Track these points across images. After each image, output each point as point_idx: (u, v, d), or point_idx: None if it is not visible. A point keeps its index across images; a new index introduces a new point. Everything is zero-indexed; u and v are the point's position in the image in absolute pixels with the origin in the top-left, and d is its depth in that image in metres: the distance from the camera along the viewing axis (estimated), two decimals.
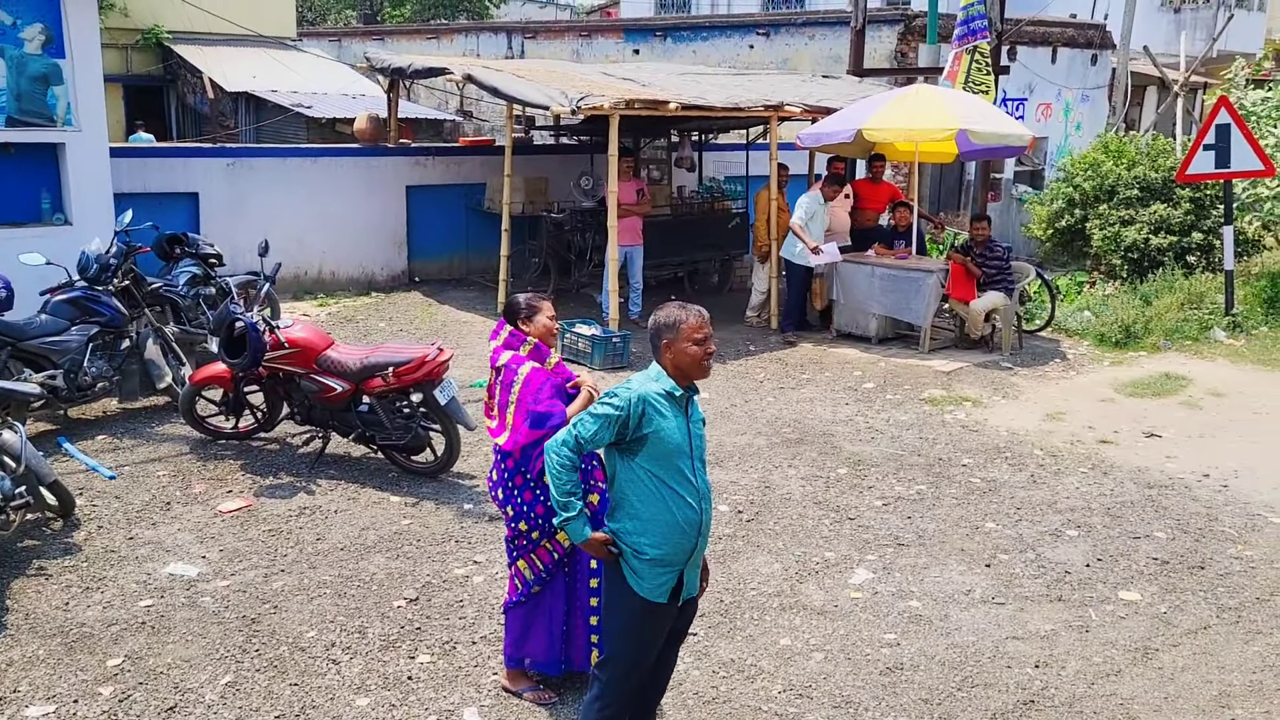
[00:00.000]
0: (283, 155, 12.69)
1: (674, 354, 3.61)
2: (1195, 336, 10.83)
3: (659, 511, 3.59)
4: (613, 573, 3.72)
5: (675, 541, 3.61)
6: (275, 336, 6.85)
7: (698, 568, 3.78)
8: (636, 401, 3.54)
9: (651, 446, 3.56)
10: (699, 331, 3.61)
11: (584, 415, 3.61)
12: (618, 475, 3.66)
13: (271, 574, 5.55)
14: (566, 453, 3.59)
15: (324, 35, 25.99)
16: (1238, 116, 10.84)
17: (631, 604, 3.66)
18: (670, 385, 3.61)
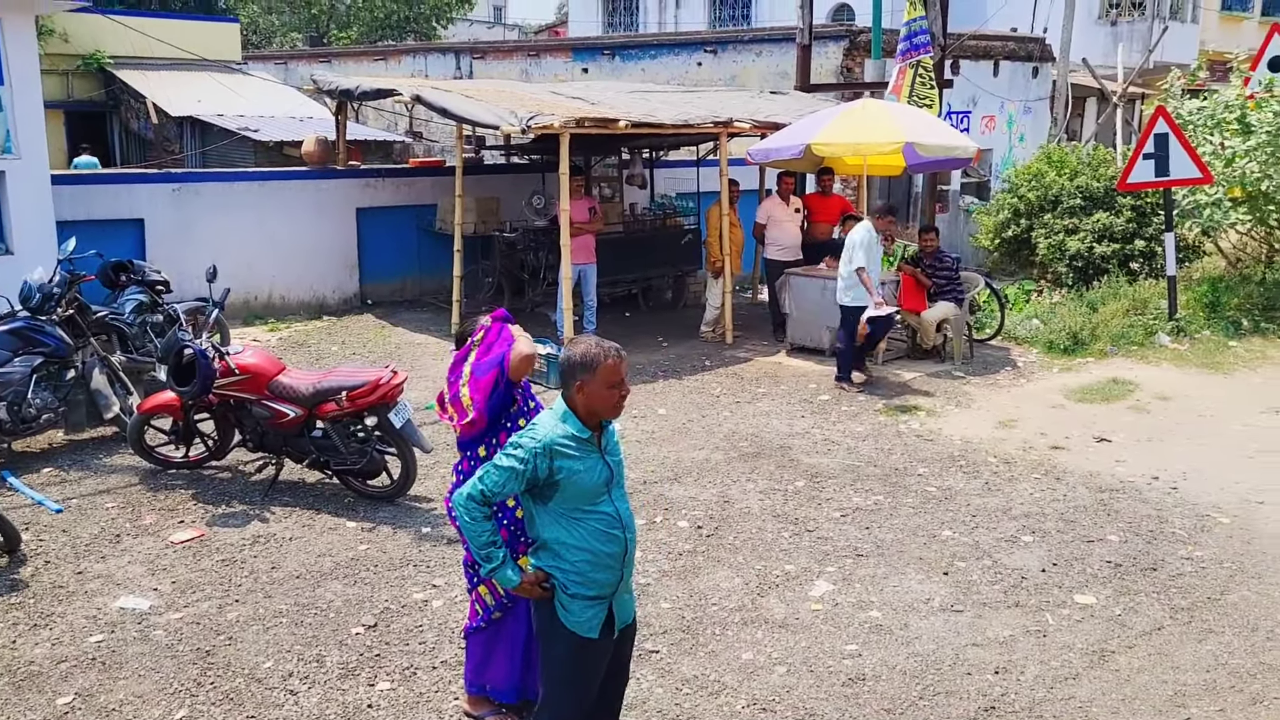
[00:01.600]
0: (230, 179, 12.55)
1: (587, 396, 3.46)
2: (1140, 342, 11.03)
3: (582, 549, 3.50)
4: (543, 612, 3.61)
5: (601, 576, 3.54)
6: (225, 363, 6.75)
7: (629, 594, 3.73)
8: (542, 452, 3.42)
9: (565, 490, 3.47)
10: (616, 374, 3.45)
11: (489, 467, 3.50)
12: (535, 518, 3.58)
13: (226, 605, 5.46)
14: (475, 507, 3.50)
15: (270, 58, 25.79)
16: (1175, 126, 11.09)
17: (566, 643, 3.57)
18: (577, 427, 3.48)
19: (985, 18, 20.26)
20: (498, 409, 4.15)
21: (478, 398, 4.13)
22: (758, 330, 12.04)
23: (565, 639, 3.57)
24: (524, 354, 4.17)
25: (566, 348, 3.58)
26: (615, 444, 3.65)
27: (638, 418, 8.62)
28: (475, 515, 3.52)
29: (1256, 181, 11.44)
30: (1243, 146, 11.66)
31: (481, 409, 4.13)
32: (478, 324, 4.35)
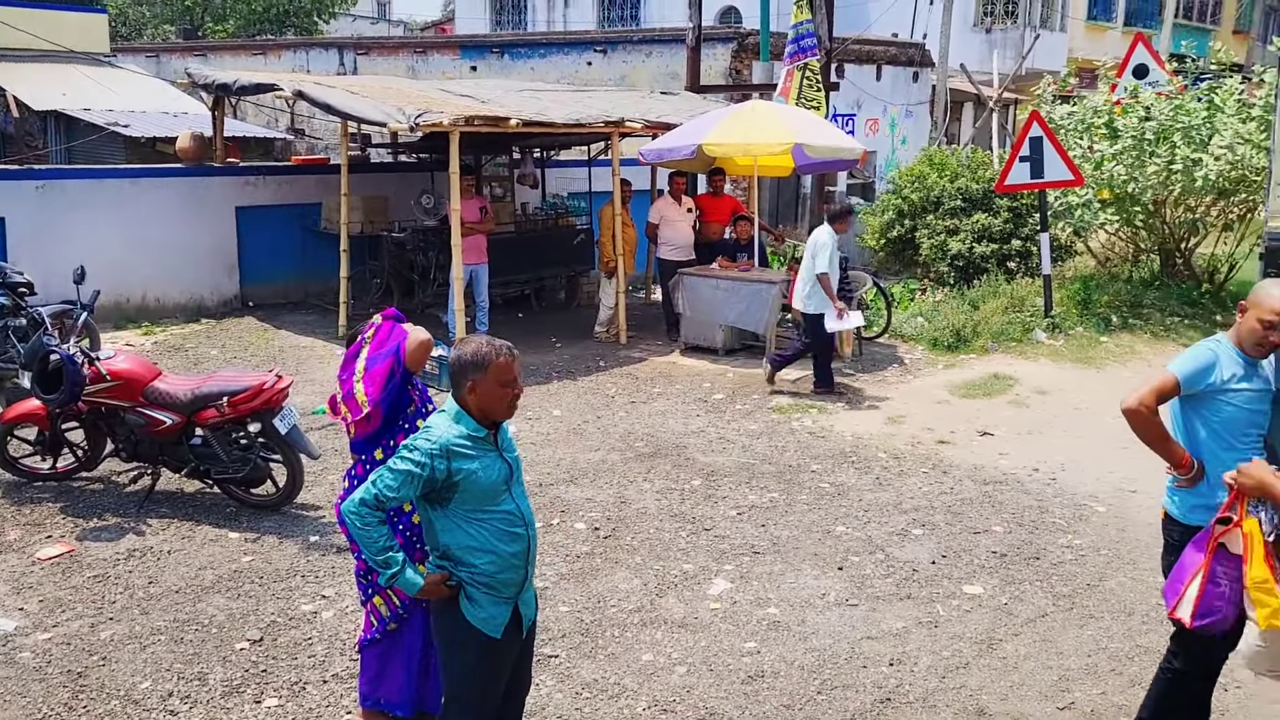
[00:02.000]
0: (99, 176, 11.98)
1: (479, 396, 3.38)
2: (1019, 338, 11.42)
3: (486, 551, 3.42)
4: (446, 616, 3.51)
5: (507, 576, 3.47)
6: (95, 369, 6.41)
7: (532, 592, 3.67)
8: (440, 453, 3.33)
9: (465, 492, 3.38)
10: (508, 372, 3.38)
11: (383, 471, 3.38)
12: (434, 525, 3.47)
13: (99, 623, 5.17)
14: (368, 513, 3.38)
15: (141, 51, 24.74)
16: (1049, 130, 11.50)
17: (473, 645, 3.48)
18: (472, 426, 3.40)
19: (868, 23, 20.76)
20: (393, 404, 4.02)
21: (372, 390, 3.99)
22: (652, 330, 12.06)
23: (472, 641, 3.47)
24: (421, 340, 4.08)
25: (457, 347, 3.48)
26: (510, 440, 3.58)
27: (532, 419, 8.52)
28: (368, 521, 3.39)
29: (1123, 184, 11.96)
30: (1110, 150, 12.17)
31: (376, 400, 3.98)
32: (369, 323, 4.22)
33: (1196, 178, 11.38)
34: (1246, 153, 11.28)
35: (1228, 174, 11.37)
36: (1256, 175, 11.32)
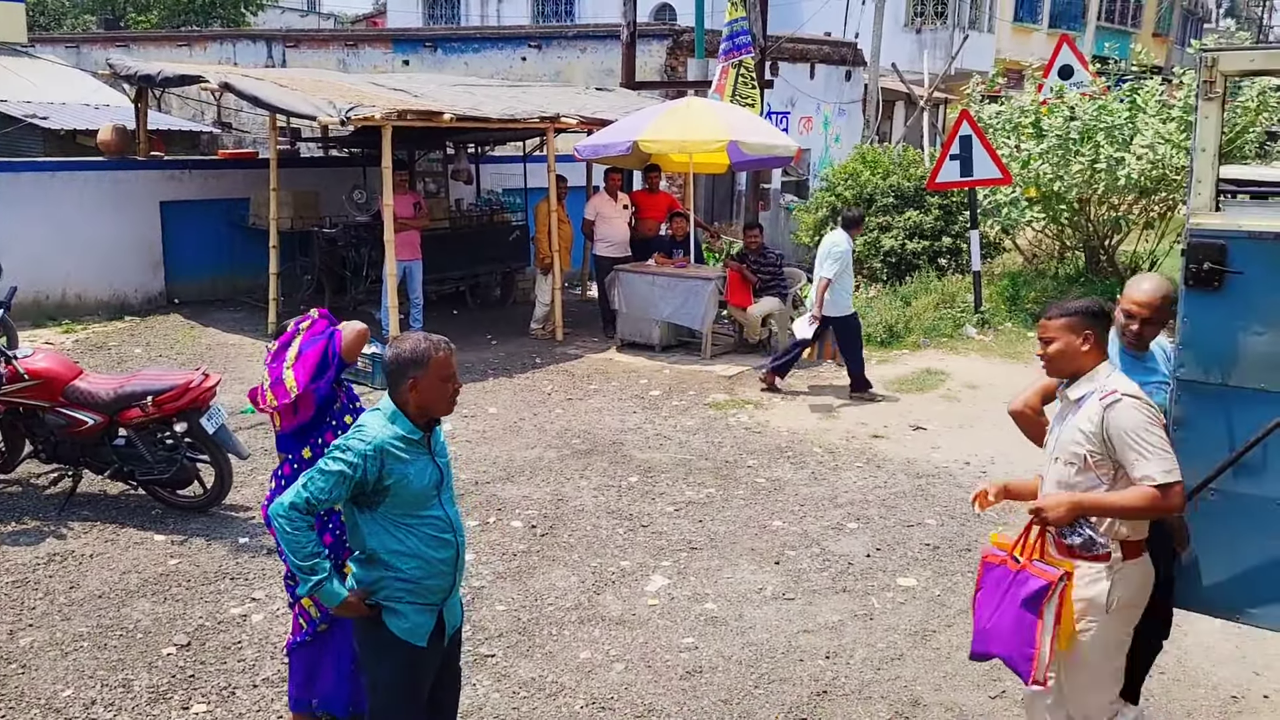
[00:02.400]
0: (15, 169, 11.59)
1: (420, 392, 3.31)
2: (950, 334, 11.61)
3: (413, 556, 3.36)
4: (369, 626, 3.42)
5: (434, 583, 3.41)
6: (13, 367, 6.20)
7: (458, 599, 3.63)
8: (374, 454, 3.25)
9: (395, 496, 3.31)
10: (448, 367, 3.32)
11: (313, 473, 3.29)
12: (360, 528, 3.38)
13: (18, 630, 5.00)
14: (298, 516, 3.28)
15: (60, 41, 24.03)
16: (978, 129, 11.70)
17: (395, 655, 3.41)
18: (408, 428, 3.33)
19: (801, 22, 20.93)
20: (324, 396, 3.93)
21: (302, 375, 3.89)
22: (588, 327, 12.03)
23: (394, 651, 3.40)
24: (359, 329, 4.03)
25: (394, 345, 3.41)
26: (443, 445, 3.52)
27: (468, 417, 8.44)
28: (298, 525, 3.29)
29: (1049, 182, 12.21)
30: (1037, 149, 12.41)
31: (305, 384, 3.88)
32: (304, 315, 4.14)
33: (1119, 176, 11.66)
34: (1167, 152, 11.59)
35: (1149, 173, 11.67)
36: (1177, 174, 11.65)
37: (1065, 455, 3.45)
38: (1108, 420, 3.31)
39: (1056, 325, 3.47)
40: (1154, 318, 3.80)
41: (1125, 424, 3.28)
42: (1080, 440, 3.38)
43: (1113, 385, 3.37)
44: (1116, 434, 3.29)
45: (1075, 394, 3.46)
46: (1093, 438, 3.35)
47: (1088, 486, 3.38)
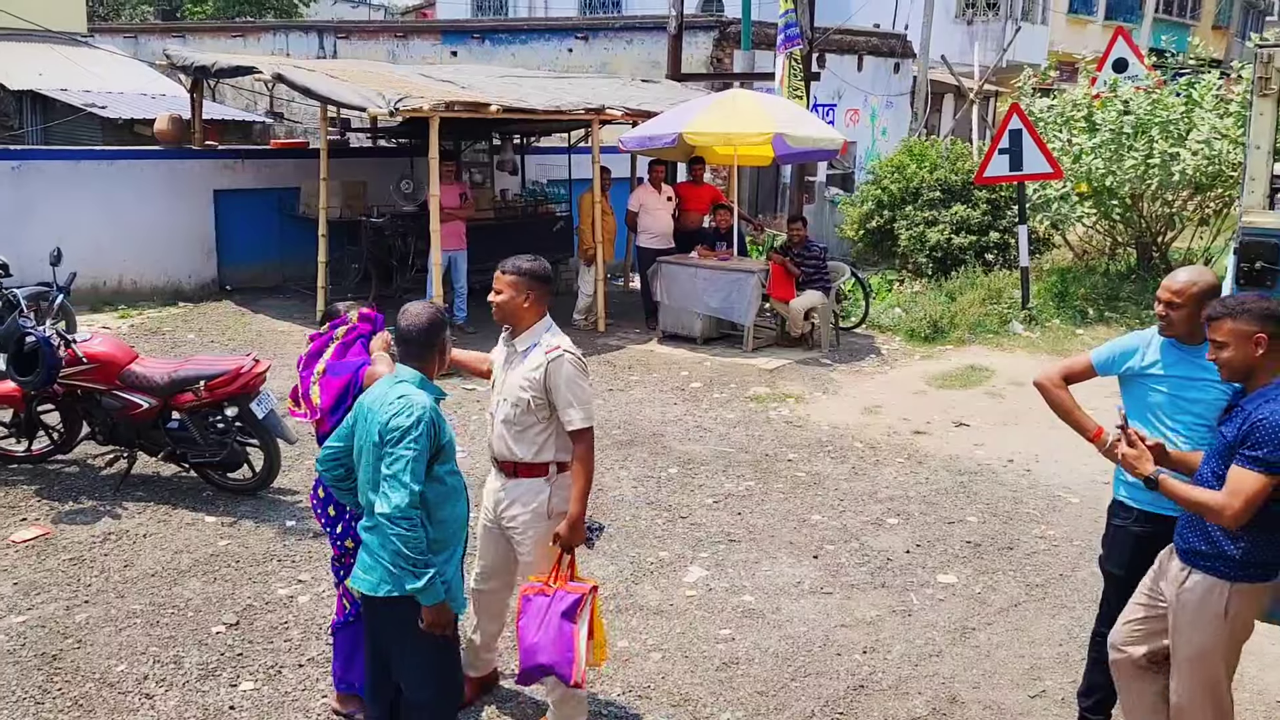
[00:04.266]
0: (76, 158, 11.87)
1: (445, 349, 3.62)
2: (996, 330, 11.50)
3: (450, 511, 3.55)
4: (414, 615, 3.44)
5: (459, 539, 3.60)
6: (71, 351, 6.37)
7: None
8: (432, 419, 3.39)
9: (444, 453, 3.49)
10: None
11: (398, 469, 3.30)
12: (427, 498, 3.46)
13: (74, 606, 5.16)
14: (414, 513, 3.29)
15: (119, 31, 24.47)
16: (1028, 123, 11.57)
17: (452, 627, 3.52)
18: (436, 391, 3.55)
19: (849, 14, 20.76)
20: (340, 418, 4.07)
21: (325, 400, 4.07)
22: (630, 318, 12.07)
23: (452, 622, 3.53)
24: (380, 372, 4.09)
25: (407, 316, 3.58)
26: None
27: None
28: (415, 522, 3.31)
29: (1101, 177, 12.05)
30: (1089, 144, 12.25)
31: (327, 410, 4.07)
32: (343, 313, 4.23)
33: (1174, 172, 11.48)
34: (1223, 148, 11.39)
35: (1204, 169, 11.47)
36: (1233, 170, 11.43)
37: (512, 398, 3.94)
38: (550, 371, 3.88)
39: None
40: (1183, 305, 3.77)
41: (564, 376, 3.87)
42: (525, 386, 3.89)
43: (556, 342, 3.96)
44: (555, 384, 3.87)
45: (521, 346, 3.99)
46: (535, 385, 3.88)
47: (527, 426, 3.94)
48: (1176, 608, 3.61)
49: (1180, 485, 3.48)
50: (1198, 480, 3.53)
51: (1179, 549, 3.63)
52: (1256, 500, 3.29)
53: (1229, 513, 3.32)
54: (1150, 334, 3.95)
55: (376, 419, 3.43)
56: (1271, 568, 3.48)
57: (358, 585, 3.52)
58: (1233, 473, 3.34)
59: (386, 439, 3.36)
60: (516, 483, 4.04)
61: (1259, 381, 3.41)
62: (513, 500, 4.06)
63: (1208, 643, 3.54)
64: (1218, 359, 3.45)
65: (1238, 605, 3.49)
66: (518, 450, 4.00)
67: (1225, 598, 3.47)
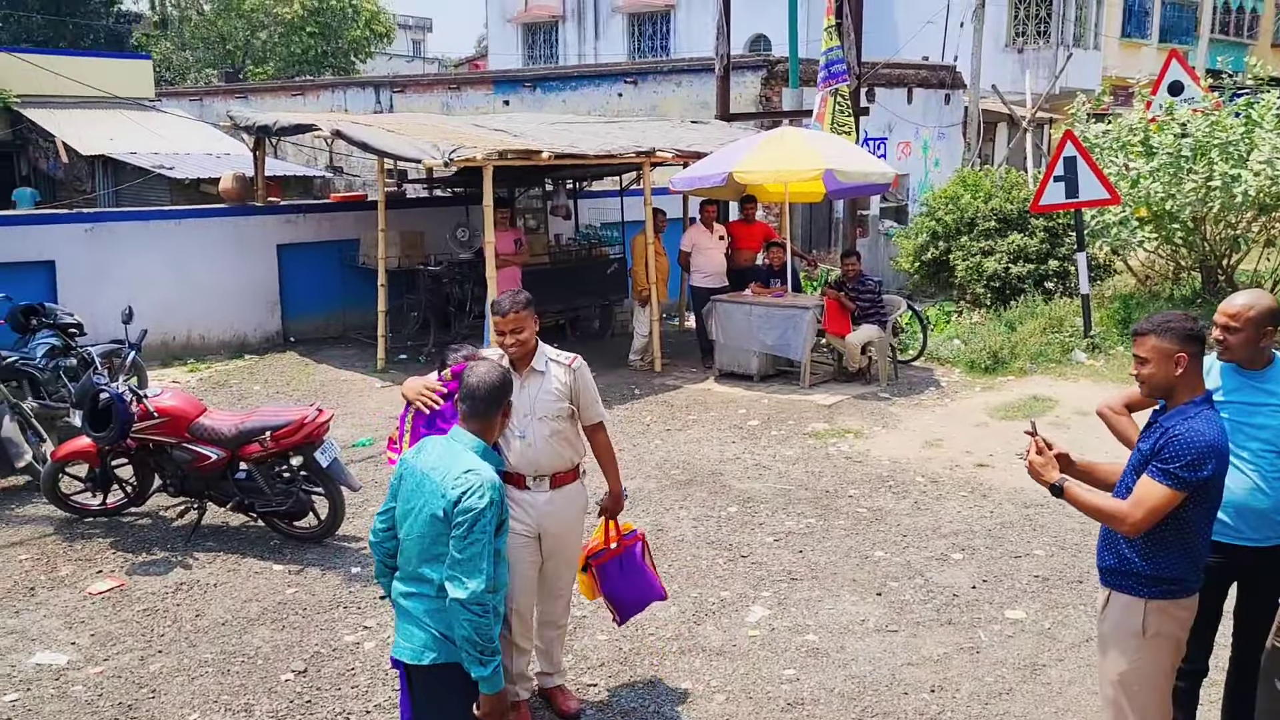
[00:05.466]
0: (145, 218, 12.27)
1: (508, 414, 3.57)
2: (1058, 359, 11.33)
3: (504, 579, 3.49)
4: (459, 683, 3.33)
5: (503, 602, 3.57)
6: (144, 406, 6.57)
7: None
8: (499, 495, 3.31)
9: (503, 528, 3.41)
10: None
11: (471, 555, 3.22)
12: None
13: (148, 656, 5.28)
14: (489, 598, 3.23)
15: (184, 94, 25.38)
16: (1083, 149, 11.45)
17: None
18: (497, 461, 3.46)
19: (898, 47, 20.80)
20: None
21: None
22: (686, 357, 12.11)
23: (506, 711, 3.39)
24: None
25: (473, 373, 3.48)
26: None
27: None
28: (489, 609, 3.24)
29: (1161, 201, 11.87)
30: (1146, 168, 12.09)
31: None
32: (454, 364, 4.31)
33: (1235, 194, 11.26)
34: None
35: (1268, 189, 11.25)
36: None
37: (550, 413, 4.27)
38: (578, 376, 4.34)
39: None
40: (1240, 329, 3.73)
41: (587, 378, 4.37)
42: (558, 396, 4.28)
43: (565, 353, 4.40)
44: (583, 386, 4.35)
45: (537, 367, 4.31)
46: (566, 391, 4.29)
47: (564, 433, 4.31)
48: (1098, 631, 3.61)
49: (1084, 493, 3.50)
50: (1116, 493, 3.55)
51: (1098, 568, 3.63)
52: (1159, 512, 3.33)
53: (1130, 520, 3.36)
54: (1210, 360, 3.89)
55: (440, 492, 3.31)
56: (1187, 583, 3.47)
57: (399, 654, 3.44)
58: (1141, 482, 3.38)
59: (458, 520, 3.25)
60: (560, 491, 4.36)
61: (1179, 399, 3.46)
62: (561, 507, 4.37)
63: (1130, 664, 3.50)
64: (1139, 374, 3.51)
65: (1156, 623, 3.45)
66: (564, 459, 4.34)
67: (1142, 615, 3.46)
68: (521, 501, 4.28)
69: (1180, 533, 3.40)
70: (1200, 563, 3.48)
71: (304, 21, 33.36)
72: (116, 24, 32.78)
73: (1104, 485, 3.68)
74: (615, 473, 4.57)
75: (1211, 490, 3.38)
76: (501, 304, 4.21)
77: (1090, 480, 3.69)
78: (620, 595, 4.71)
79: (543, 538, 4.34)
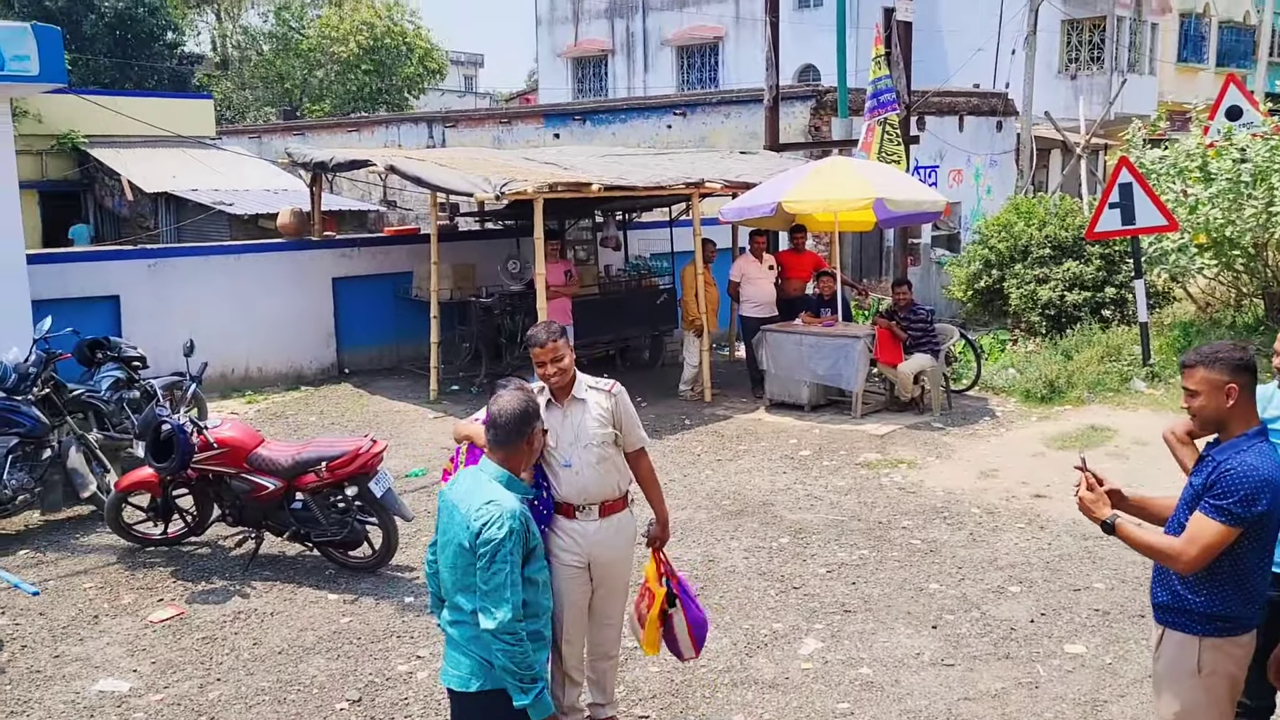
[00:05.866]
0: (205, 254, 12.57)
1: (534, 443, 3.56)
2: (1116, 388, 11.13)
3: (543, 605, 3.53)
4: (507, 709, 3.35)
5: (549, 630, 3.60)
6: (204, 437, 6.70)
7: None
8: (522, 521, 3.34)
9: (533, 556, 3.44)
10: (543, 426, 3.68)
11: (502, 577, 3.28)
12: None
13: (207, 684, 5.36)
14: (518, 625, 3.27)
15: (244, 132, 26.00)
16: (1139, 175, 11.30)
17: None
18: (523, 489, 3.48)
19: (948, 75, 20.73)
20: None
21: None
22: (736, 387, 12.08)
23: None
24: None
25: (497, 402, 3.52)
26: None
27: None
28: (520, 635, 3.28)
29: (1220, 227, 11.65)
30: (1205, 194, 11.88)
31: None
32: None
33: None
34: None
35: None
36: None
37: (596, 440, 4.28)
38: (619, 402, 4.38)
39: None
40: None
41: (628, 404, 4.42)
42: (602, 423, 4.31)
43: (603, 380, 4.43)
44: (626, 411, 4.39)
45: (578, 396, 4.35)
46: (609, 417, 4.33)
47: (611, 460, 4.34)
48: (1154, 669, 3.53)
49: (1137, 531, 3.44)
50: (1168, 529, 3.47)
51: (1152, 604, 3.56)
52: (1214, 549, 3.26)
53: (1185, 559, 3.29)
54: (1270, 388, 3.82)
55: (464, 523, 3.37)
56: (1243, 620, 3.38)
57: (448, 681, 3.50)
58: (1194, 519, 3.31)
59: (480, 551, 3.30)
60: (609, 520, 4.37)
61: (1231, 432, 3.39)
62: (610, 535, 4.38)
63: (1186, 704, 3.41)
64: (1189, 407, 3.46)
65: (1212, 661, 3.37)
66: (612, 485, 4.37)
67: (1197, 653, 3.37)
68: (571, 531, 4.31)
69: (1235, 569, 3.32)
70: (1257, 598, 3.41)
71: (360, 60, 34.13)
72: (180, 65, 33.77)
73: (1158, 520, 3.62)
74: (661, 499, 4.57)
75: (1268, 525, 3.31)
76: (538, 336, 4.28)
77: (1144, 515, 3.62)
78: (699, 618, 4.62)
79: (592, 566, 4.35)
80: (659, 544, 4.56)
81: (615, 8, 32.34)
